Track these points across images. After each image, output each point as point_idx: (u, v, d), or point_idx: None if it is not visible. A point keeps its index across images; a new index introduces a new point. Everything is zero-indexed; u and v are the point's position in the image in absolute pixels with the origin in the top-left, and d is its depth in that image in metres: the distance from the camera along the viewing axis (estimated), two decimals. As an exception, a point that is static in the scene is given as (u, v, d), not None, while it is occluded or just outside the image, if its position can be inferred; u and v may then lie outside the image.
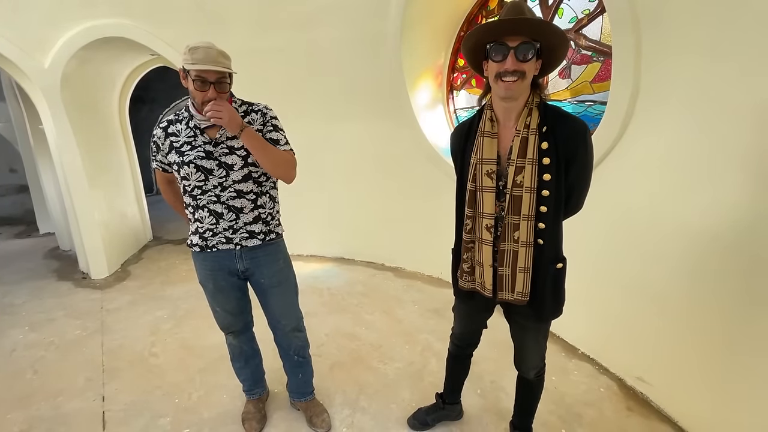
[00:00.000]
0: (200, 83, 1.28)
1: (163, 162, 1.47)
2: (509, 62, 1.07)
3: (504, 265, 1.23)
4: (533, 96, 1.17)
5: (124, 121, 4.29)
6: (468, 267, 1.33)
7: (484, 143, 1.20)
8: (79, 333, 2.65)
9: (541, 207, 1.17)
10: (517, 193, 1.16)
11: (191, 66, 1.26)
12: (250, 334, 1.75)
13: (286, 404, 1.92)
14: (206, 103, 1.31)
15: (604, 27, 2.16)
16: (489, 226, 1.23)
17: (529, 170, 1.14)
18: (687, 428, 1.70)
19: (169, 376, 2.17)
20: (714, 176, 1.52)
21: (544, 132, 1.14)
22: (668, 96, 1.65)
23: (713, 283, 1.56)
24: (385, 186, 3.42)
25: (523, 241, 1.18)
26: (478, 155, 1.21)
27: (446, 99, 3.23)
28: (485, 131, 1.20)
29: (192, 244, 1.50)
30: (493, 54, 1.10)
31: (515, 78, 1.08)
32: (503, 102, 1.16)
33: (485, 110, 1.23)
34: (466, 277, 1.35)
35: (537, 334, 1.39)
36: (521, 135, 1.15)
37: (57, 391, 2.08)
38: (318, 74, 3.28)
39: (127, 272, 3.71)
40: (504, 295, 1.26)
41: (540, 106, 1.16)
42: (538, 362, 1.45)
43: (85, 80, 3.45)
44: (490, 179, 1.20)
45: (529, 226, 1.17)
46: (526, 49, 1.06)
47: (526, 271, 1.20)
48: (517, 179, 1.16)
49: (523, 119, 1.15)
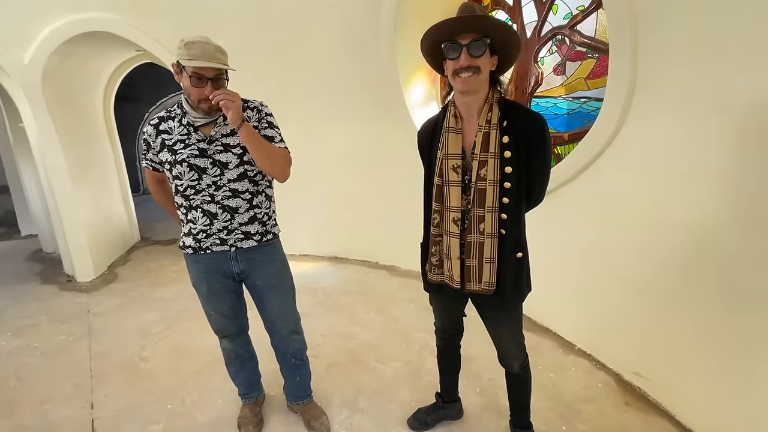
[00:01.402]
0: (197, 80, 1.24)
1: (153, 161, 1.41)
2: (463, 59, 1.13)
3: (471, 257, 1.26)
4: (493, 92, 1.21)
5: (109, 119, 4.16)
6: (437, 260, 1.36)
7: (449, 139, 1.24)
8: (64, 338, 2.56)
9: (504, 198, 1.21)
10: (482, 186, 1.20)
11: (188, 62, 1.21)
12: (245, 338, 1.71)
13: (283, 407, 1.88)
14: (202, 101, 1.27)
15: (599, 23, 2.16)
16: (456, 219, 1.27)
17: (492, 163, 1.18)
18: (685, 422, 1.71)
19: (160, 380, 2.11)
20: (708, 173, 1.53)
21: (504, 126, 1.19)
22: (664, 93, 1.65)
23: (708, 278, 1.57)
24: (378, 183, 3.39)
25: (488, 233, 1.22)
26: (444, 151, 1.25)
27: (440, 96, 3.21)
28: (450, 127, 1.24)
29: (184, 246, 1.45)
30: (448, 52, 1.15)
31: (470, 73, 1.13)
32: (463, 97, 1.21)
33: (449, 107, 1.26)
34: (435, 270, 1.38)
35: (509, 325, 1.41)
36: (483, 130, 1.19)
37: (43, 398, 2.01)
38: (311, 72, 3.22)
39: (114, 274, 3.61)
40: (471, 285, 1.28)
41: (500, 101, 1.21)
42: (518, 353, 1.46)
43: (68, 76, 3.34)
44: (456, 174, 1.24)
45: (494, 217, 1.22)
46: (478, 45, 1.12)
47: (491, 261, 1.25)
48: (481, 173, 1.20)
49: (485, 115, 1.20)
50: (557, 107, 2.47)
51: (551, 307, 2.38)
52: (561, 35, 2.33)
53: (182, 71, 1.27)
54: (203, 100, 1.27)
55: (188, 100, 1.32)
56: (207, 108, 1.29)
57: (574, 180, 2.08)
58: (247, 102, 1.43)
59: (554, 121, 2.48)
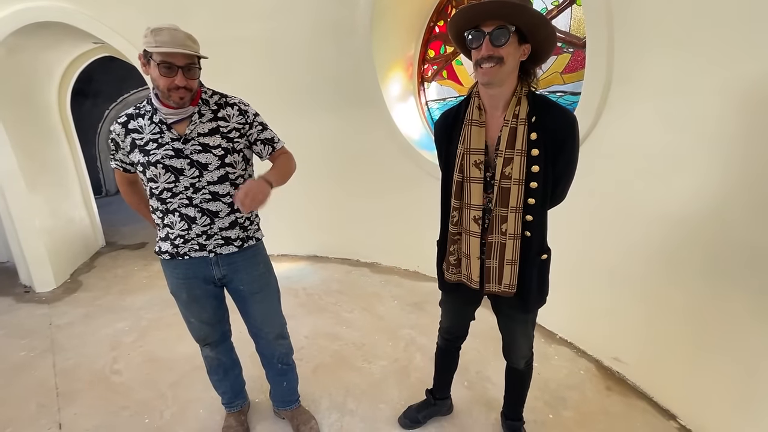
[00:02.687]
0: (166, 69, 1.15)
1: (124, 162, 1.31)
2: (484, 48, 1.05)
3: (491, 257, 1.22)
4: (521, 85, 1.13)
5: (65, 116, 3.88)
6: (455, 259, 1.31)
7: (472, 132, 1.16)
8: (25, 354, 2.37)
9: (529, 199, 1.16)
10: (506, 184, 1.14)
11: (155, 49, 1.12)
12: (228, 344, 1.63)
13: (269, 414, 1.82)
14: (172, 90, 1.17)
15: (574, 18, 2.20)
16: (477, 218, 1.21)
17: (518, 162, 1.12)
18: (662, 403, 1.79)
19: (136, 394, 1.99)
20: (684, 165, 1.58)
21: (533, 122, 1.12)
22: (640, 86, 1.70)
23: (684, 266, 1.64)
24: (357, 180, 3.34)
25: (511, 234, 1.17)
26: (466, 145, 1.18)
27: (417, 91, 3.19)
28: (473, 120, 1.17)
29: (161, 252, 1.36)
30: (471, 42, 1.08)
31: (492, 64, 1.05)
32: (486, 89, 1.14)
33: (473, 98, 1.19)
34: (452, 270, 1.32)
35: (525, 325, 1.39)
36: (510, 125, 1.12)
37: (4, 422, 1.84)
38: (286, 66, 3.12)
39: (78, 283, 3.39)
40: (491, 287, 1.25)
41: (529, 95, 1.14)
42: (527, 352, 1.46)
43: (17, 71, 3.07)
44: (477, 170, 1.17)
45: (517, 218, 1.16)
46: (501, 33, 1.03)
47: (513, 263, 1.20)
48: (506, 171, 1.13)
49: (512, 109, 1.12)
50: (534, 102, 2.51)
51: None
52: (537, 30, 2.35)
53: (150, 61, 1.17)
54: (173, 89, 1.17)
55: (158, 93, 1.22)
56: (178, 99, 1.19)
57: (553, 173, 2.12)
58: (226, 98, 1.35)
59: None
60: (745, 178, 1.40)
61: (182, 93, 1.19)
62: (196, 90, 1.26)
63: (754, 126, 1.36)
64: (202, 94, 1.30)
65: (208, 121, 1.29)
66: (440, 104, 3.15)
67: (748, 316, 1.44)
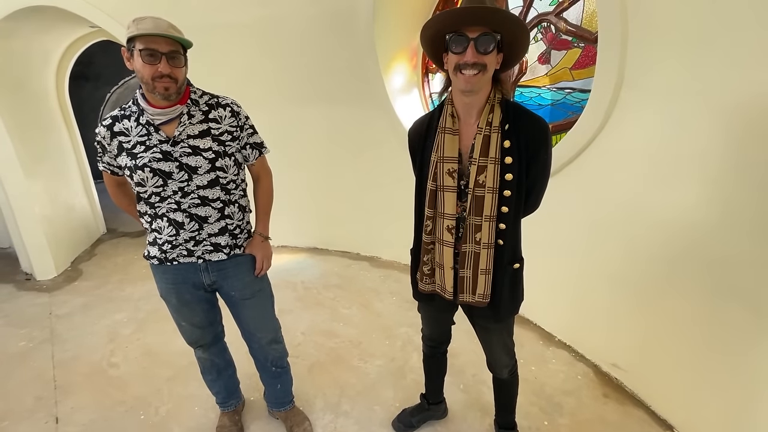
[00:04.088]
0: (149, 56, 1.10)
1: (111, 164, 1.27)
2: (469, 54, 1.02)
3: (465, 267, 1.20)
4: (495, 92, 1.12)
5: (63, 102, 3.82)
6: (428, 269, 1.29)
7: (446, 140, 1.15)
8: (24, 344, 2.39)
9: (503, 207, 1.15)
10: (479, 193, 1.13)
11: (138, 33, 1.08)
12: (221, 345, 1.62)
13: (263, 413, 1.82)
14: (156, 79, 1.12)
15: (586, 11, 2.09)
16: (450, 227, 1.19)
17: (492, 170, 1.10)
18: (659, 412, 1.77)
19: (132, 388, 2.00)
20: (692, 170, 1.52)
21: (506, 130, 1.11)
22: (652, 87, 1.62)
23: (687, 274, 1.59)
24: (358, 172, 3.28)
25: (485, 243, 1.16)
26: (439, 153, 1.16)
27: (421, 82, 3.10)
28: (446, 128, 1.15)
29: (149, 256, 1.33)
30: (452, 45, 1.04)
31: (476, 71, 1.03)
32: (464, 96, 1.11)
33: (445, 105, 1.17)
34: (426, 280, 1.31)
35: (501, 334, 1.38)
36: (483, 133, 1.10)
37: (1, 414, 1.87)
38: (284, 54, 3.02)
39: (78, 271, 3.39)
40: (465, 297, 1.23)
41: (502, 102, 1.13)
42: (507, 361, 1.45)
43: (11, 56, 3.00)
44: (451, 178, 1.15)
45: (491, 227, 1.15)
46: (487, 41, 1.01)
47: (487, 272, 1.19)
48: (479, 179, 1.12)
49: (485, 116, 1.11)
50: (541, 97, 2.42)
51: (532, 299, 2.37)
52: (547, 22, 2.25)
53: (133, 53, 1.13)
54: (157, 77, 1.12)
55: (142, 89, 1.17)
56: (163, 89, 1.14)
57: (559, 173, 2.06)
58: (218, 98, 1.29)
59: (538, 112, 2.42)
60: (753, 188, 1.35)
61: (167, 82, 1.14)
62: (184, 85, 1.21)
63: (766, 136, 1.29)
64: (190, 93, 1.24)
65: (198, 123, 1.24)
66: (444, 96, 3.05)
67: (750, 328, 1.40)
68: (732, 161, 1.40)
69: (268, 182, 1.47)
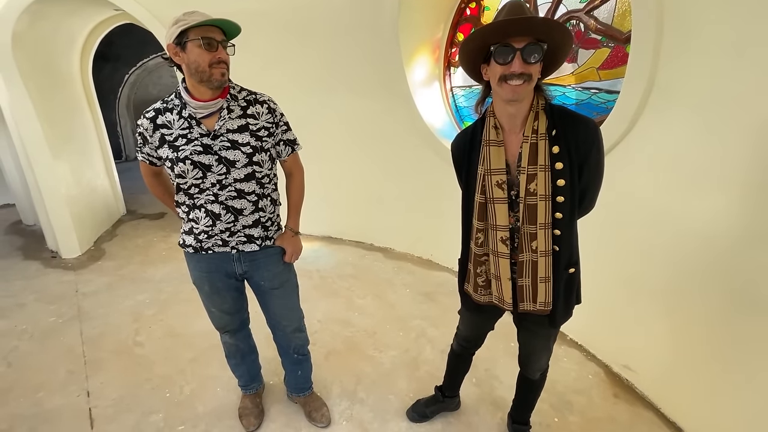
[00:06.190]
0: (207, 44, 1.15)
1: (151, 155, 1.31)
2: (516, 64, 1.01)
3: (524, 276, 1.19)
4: (538, 98, 1.11)
5: (87, 84, 3.89)
6: (482, 281, 1.28)
7: (491, 153, 1.14)
8: (54, 320, 2.50)
9: (557, 213, 1.13)
10: (531, 201, 1.12)
11: (200, 22, 1.12)
12: (246, 332, 1.69)
13: (282, 397, 1.90)
14: (214, 65, 1.17)
15: (618, 10, 2.05)
16: (504, 239, 1.18)
17: (542, 177, 1.09)
18: (670, 415, 1.80)
19: (157, 367, 2.10)
20: (718, 181, 1.51)
21: (553, 135, 1.09)
22: (683, 94, 1.60)
23: (704, 281, 1.60)
24: (375, 163, 3.30)
25: (542, 251, 1.15)
26: (486, 166, 1.15)
27: (443, 76, 3.08)
28: (490, 140, 1.14)
29: (185, 245, 1.38)
30: (498, 56, 1.03)
31: (522, 81, 1.02)
32: (508, 106, 1.10)
33: (487, 117, 1.16)
34: (481, 291, 1.30)
35: (548, 340, 1.39)
36: (530, 141, 1.10)
37: (36, 385, 1.98)
38: (307, 42, 3.03)
39: (101, 251, 3.51)
40: (525, 305, 1.23)
41: (546, 108, 1.11)
42: (545, 363, 1.47)
43: (41, 38, 3.06)
44: (501, 190, 1.15)
45: (547, 234, 1.14)
46: (533, 50, 1.01)
47: (547, 280, 1.18)
48: (530, 187, 1.11)
49: (530, 124, 1.10)
50: (566, 96, 2.40)
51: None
52: (576, 20, 2.21)
53: (185, 44, 1.16)
54: (215, 63, 1.18)
55: (193, 76, 1.19)
56: (220, 75, 1.19)
57: (580, 176, 2.05)
58: (255, 95, 1.33)
59: (562, 110, 2.41)
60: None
61: (223, 68, 1.20)
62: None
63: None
64: (230, 89, 1.27)
65: (237, 118, 1.27)
66: (465, 91, 3.03)
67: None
68: (759, 175, 1.39)
69: (300, 178, 1.50)
